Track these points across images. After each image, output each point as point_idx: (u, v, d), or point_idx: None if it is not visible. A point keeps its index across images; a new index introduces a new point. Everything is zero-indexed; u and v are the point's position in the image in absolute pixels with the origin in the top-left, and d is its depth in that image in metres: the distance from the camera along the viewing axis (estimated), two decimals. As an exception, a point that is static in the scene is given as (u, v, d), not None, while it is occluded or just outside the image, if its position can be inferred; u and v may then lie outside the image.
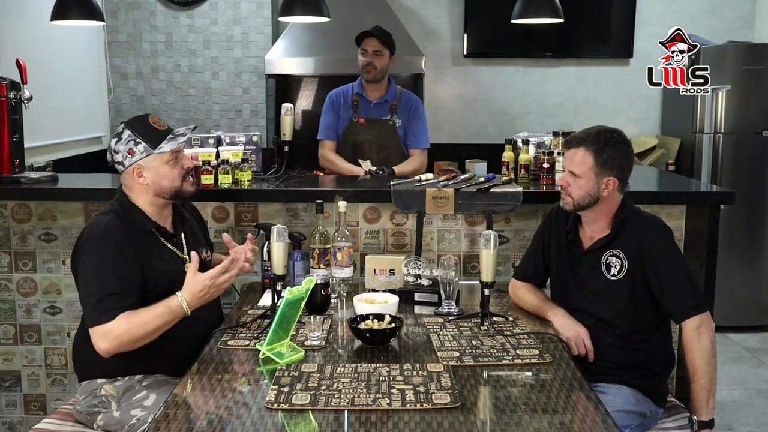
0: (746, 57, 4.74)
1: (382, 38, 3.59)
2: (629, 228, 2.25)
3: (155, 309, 2.06)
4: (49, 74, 4.21)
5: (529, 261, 2.51)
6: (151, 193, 2.21)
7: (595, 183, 2.22)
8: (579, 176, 2.23)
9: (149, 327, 2.04)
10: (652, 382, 2.25)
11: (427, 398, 1.71)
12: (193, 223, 2.42)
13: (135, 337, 2.03)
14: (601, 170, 2.21)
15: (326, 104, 3.71)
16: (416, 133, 3.70)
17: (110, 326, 2.01)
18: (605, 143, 2.22)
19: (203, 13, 5.15)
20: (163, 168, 2.19)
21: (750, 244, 4.89)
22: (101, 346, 2.03)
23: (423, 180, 2.92)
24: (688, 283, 2.19)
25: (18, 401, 3.09)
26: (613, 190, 2.23)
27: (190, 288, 2.08)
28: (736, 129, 4.77)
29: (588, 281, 2.30)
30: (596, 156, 2.21)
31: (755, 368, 4.21)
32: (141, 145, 2.17)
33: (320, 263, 2.44)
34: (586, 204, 2.25)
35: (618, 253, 2.24)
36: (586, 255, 2.31)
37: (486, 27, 5.30)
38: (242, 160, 2.94)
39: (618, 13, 5.35)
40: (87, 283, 2.09)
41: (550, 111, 5.44)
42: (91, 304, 2.05)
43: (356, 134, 3.64)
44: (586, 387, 1.84)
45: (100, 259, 2.08)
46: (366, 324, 2.14)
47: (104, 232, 2.11)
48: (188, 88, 5.24)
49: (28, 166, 3.21)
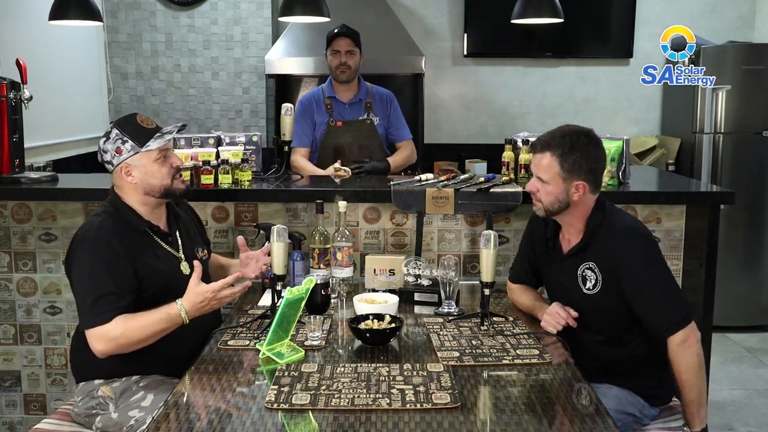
0: (746, 57, 4.74)
1: (353, 37, 3.57)
2: (602, 238, 2.15)
3: (153, 315, 2.05)
4: (49, 74, 4.22)
5: (519, 264, 2.49)
6: (140, 192, 2.20)
7: (564, 188, 2.13)
8: (546, 182, 2.15)
9: (146, 332, 2.04)
10: (644, 383, 2.19)
11: (427, 398, 1.71)
12: (188, 222, 2.42)
13: (131, 341, 2.03)
14: (568, 175, 2.12)
15: (298, 111, 3.56)
16: (398, 125, 3.71)
17: (106, 328, 2.01)
18: (570, 148, 2.11)
19: (203, 13, 5.15)
20: (151, 166, 2.18)
21: (750, 244, 4.89)
22: (97, 348, 2.03)
23: (423, 180, 2.92)
24: (670, 298, 2.10)
25: (18, 401, 3.09)
26: (583, 193, 2.14)
27: (190, 298, 2.07)
28: (736, 129, 4.77)
29: (568, 290, 2.24)
30: (562, 161, 2.11)
31: (755, 368, 4.21)
32: (128, 143, 2.17)
33: (320, 263, 2.44)
34: (556, 210, 2.18)
35: (593, 266, 2.16)
36: (565, 261, 2.25)
37: (486, 27, 5.30)
38: (242, 160, 2.94)
39: (618, 13, 5.35)
40: (81, 285, 2.09)
41: (550, 111, 5.44)
42: (86, 306, 2.05)
43: (336, 138, 3.59)
44: (586, 387, 1.84)
45: (94, 260, 2.07)
46: (366, 324, 2.13)
47: (96, 233, 2.10)
48: (188, 88, 5.24)
49: (28, 166, 3.21)
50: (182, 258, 2.27)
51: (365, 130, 3.63)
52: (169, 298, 2.08)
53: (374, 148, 3.63)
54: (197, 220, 2.52)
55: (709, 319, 2.84)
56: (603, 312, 2.18)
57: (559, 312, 2.18)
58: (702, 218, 2.84)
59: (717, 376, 3.89)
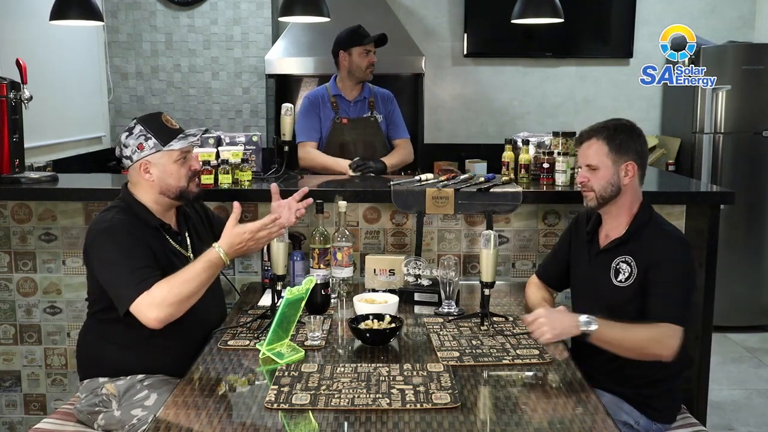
0: (746, 57, 4.74)
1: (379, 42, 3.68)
2: (646, 238, 2.17)
3: (194, 265, 2.06)
4: (49, 74, 4.22)
5: (548, 262, 2.51)
6: (156, 190, 2.21)
7: (614, 170, 2.18)
8: (596, 168, 2.19)
9: (192, 284, 2.03)
10: (641, 392, 2.16)
11: (427, 398, 1.71)
12: (197, 222, 2.42)
13: (180, 298, 2.01)
14: (617, 156, 2.18)
15: (305, 106, 3.66)
16: (397, 123, 3.74)
17: (152, 294, 1.99)
18: (615, 129, 2.20)
19: (203, 13, 5.16)
20: (170, 166, 2.19)
21: (750, 244, 4.90)
22: (151, 315, 1.99)
23: (423, 180, 2.92)
24: (678, 295, 2.09)
25: (18, 401, 3.09)
26: (633, 176, 2.18)
27: (228, 239, 2.08)
28: (736, 129, 4.77)
29: (597, 282, 2.25)
30: (610, 142, 2.18)
31: (755, 368, 4.21)
32: (151, 140, 2.17)
33: (320, 263, 2.44)
34: (608, 195, 2.19)
35: (629, 260, 2.17)
36: (600, 255, 2.26)
37: (486, 27, 5.30)
38: (242, 160, 2.94)
39: (618, 13, 5.35)
40: (110, 268, 2.07)
41: (550, 111, 5.45)
42: (122, 284, 2.03)
43: (342, 135, 3.63)
44: (586, 387, 1.83)
45: (118, 243, 2.08)
46: (366, 324, 2.14)
47: (113, 222, 2.12)
48: (188, 88, 5.24)
49: (28, 166, 3.21)
50: (191, 257, 2.27)
51: (370, 128, 3.66)
52: None
53: (378, 146, 3.66)
54: (207, 219, 2.51)
55: (709, 319, 2.84)
56: (624, 306, 2.16)
57: None
58: (702, 218, 2.84)
59: (717, 376, 3.89)
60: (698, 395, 2.88)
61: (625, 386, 2.15)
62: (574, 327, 1.98)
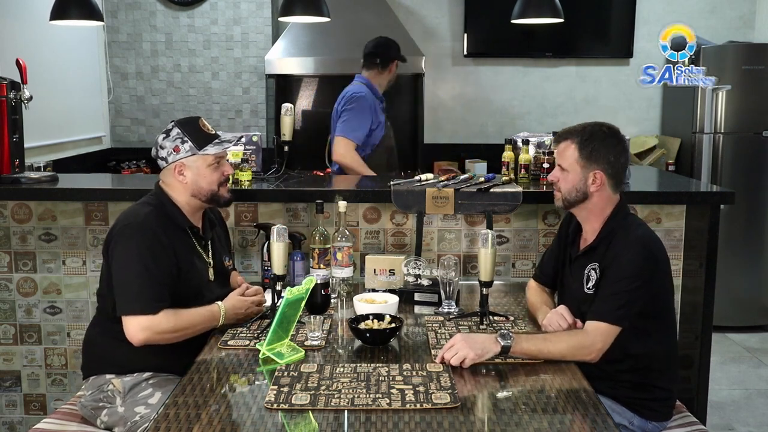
0: (746, 57, 4.74)
1: None
2: (613, 244, 2.13)
3: (199, 311, 2.15)
4: (49, 74, 4.21)
5: (544, 263, 2.49)
6: (188, 192, 2.24)
7: (582, 177, 2.15)
8: (566, 170, 2.18)
9: (191, 330, 2.13)
10: (634, 393, 2.14)
11: (426, 398, 1.71)
12: (219, 231, 2.47)
13: (177, 335, 2.10)
14: (587, 163, 2.14)
15: (364, 105, 3.59)
16: None
17: (155, 320, 2.06)
18: (590, 135, 2.15)
19: (203, 13, 5.16)
20: (204, 170, 2.23)
21: (750, 244, 4.89)
22: (138, 336, 2.06)
23: (423, 180, 2.92)
24: (622, 295, 2.03)
25: (18, 401, 3.09)
26: (600, 185, 2.14)
27: (232, 302, 2.21)
28: (736, 129, 4.78)
29: (573, 289, 2.24)
30: (582, 149, 2.14)
31: (755, 368, 4.21)
32: (187, 144, 2.21)
33: (320, 263, 2.44)
34: (573, 199, 2.18)
35: (596, 267, 2.16)
36: (576, 260, 2.26)
37: (486, 27, 5.31)
38: (242, 160, 2.94)
39: (618, 13, 5.36)
40: (125, 270, 2.10)
41: (550, 111, 5.45)
42: (130, 292, 2.07)
43: (390, 139, 3.74)
44: (586, 387, 1.84)
45: (141, 246, 2.10)
46: (366, 324, 2.13)
47: (143, 221, 2.14)
48: (188, 88, 5.24)
49: (28, 166, 3.21)
50: (211, 263, 2.33)
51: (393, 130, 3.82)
52: (198, 299, 2.17)
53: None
54: (226, 230, 2.56)
55: (709, 319, 2.84)
56: None
57: (563, 314, 2.15)
58: (702, 218, 2.84)
59: (717, 376, 3.89)
60: (698, 395, 2.88)
61: (617, 388, 2.14)
62: (493, 343, 1.95)
